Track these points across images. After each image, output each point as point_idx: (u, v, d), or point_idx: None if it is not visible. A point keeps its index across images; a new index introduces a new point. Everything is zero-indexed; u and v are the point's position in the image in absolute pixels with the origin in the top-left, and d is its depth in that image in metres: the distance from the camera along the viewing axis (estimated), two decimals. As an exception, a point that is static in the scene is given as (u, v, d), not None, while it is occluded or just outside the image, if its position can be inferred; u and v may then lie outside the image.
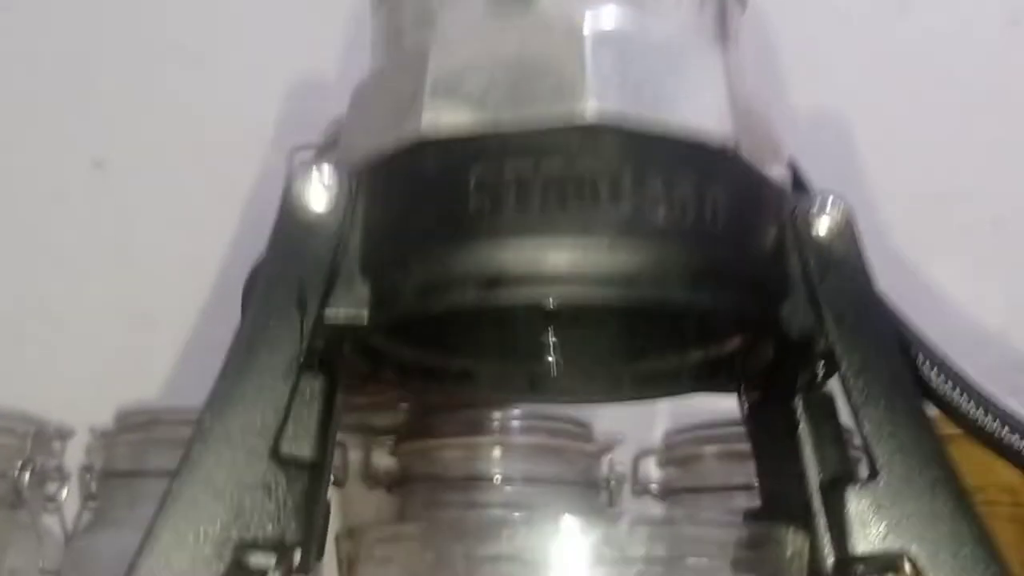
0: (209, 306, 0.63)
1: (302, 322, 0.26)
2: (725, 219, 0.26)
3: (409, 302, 0.25)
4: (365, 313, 0.26)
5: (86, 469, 0.59)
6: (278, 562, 0.26)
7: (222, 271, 0.62)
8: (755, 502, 0.32)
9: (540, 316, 0.36)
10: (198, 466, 0.25)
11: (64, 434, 0.61)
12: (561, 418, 0.60)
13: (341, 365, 0.29)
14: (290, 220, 0.26)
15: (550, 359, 0.34)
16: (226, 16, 0.67)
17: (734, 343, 0.33)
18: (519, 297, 0.25)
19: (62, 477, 0.61)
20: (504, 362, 0.35)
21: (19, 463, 0.58)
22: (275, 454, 0.25)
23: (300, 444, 0.26)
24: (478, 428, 0.60)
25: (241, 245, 0.60)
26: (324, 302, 0.26)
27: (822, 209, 0.28)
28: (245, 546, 0.25)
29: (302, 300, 0.26)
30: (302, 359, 0.26)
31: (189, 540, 0.24)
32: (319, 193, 0.27)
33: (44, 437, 0.60)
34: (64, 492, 0.60)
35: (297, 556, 0.26)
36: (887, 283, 0.29)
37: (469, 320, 0.35)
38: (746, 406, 0.33)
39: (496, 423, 0.60)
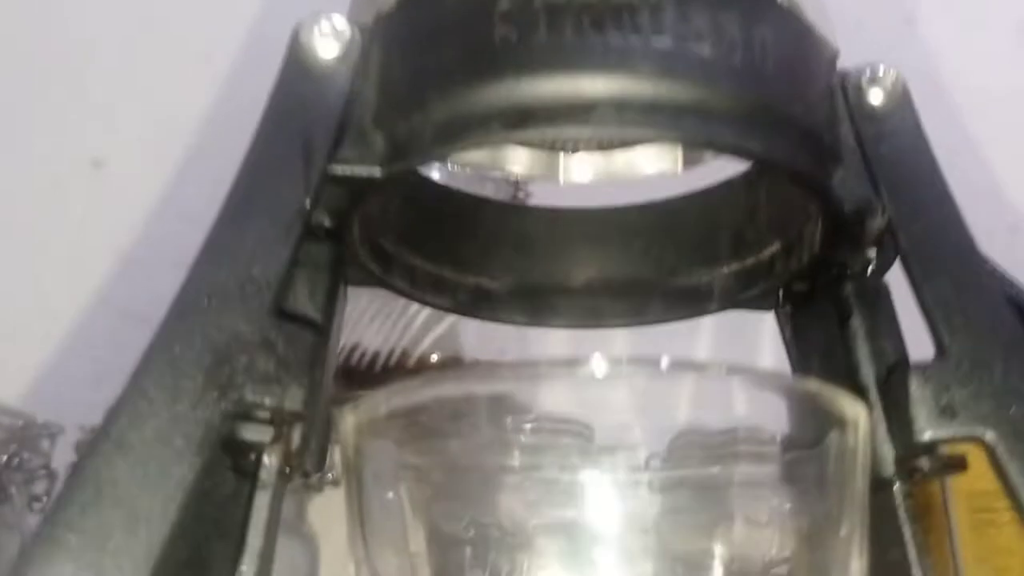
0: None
1: (307, 173, 0.23)
2: (775, 62, 0.24)
3: (428, 145, 0.23)
4: (377, 168, 0.24)
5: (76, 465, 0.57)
6: (274, 437, 0.23)
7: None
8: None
9: (564, 224, 0.34)
10: (186, 318, 0.22)
11: (53, 431, 0.59)
12: (563, 419, 0.57)
13: (349, 243, 0.26)
14: (295, 68, 0.24)
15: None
16: (231, 14, 0.66)
17: (772, 249, 0.31)
18: (551, 131, 0.22)
19: (50, 476, 0.58)
20: (522, 281, 0.33)
21: (4, 457, 0.56)
22: (276, 309, 0.22)
23: (305, 305, 0.23)
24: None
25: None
26: (332, 155, 0.24)
27: (874, 78, 0.26)
28: (238, 415, 0.22)
29: (307, 150, 0.23)
30: (307, 212, 0.23)
31: (170, 406, 0.21)
32: (328, 40, 0.24)
33: (31, 432, 0.58)
34: (52, 491, 0.58)
35: (297, 436, 0.23)
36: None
37: (486, 232, 0.33)
38: (786, 315, 0.30)
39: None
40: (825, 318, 0.28)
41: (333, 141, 0.24)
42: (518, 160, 0.33)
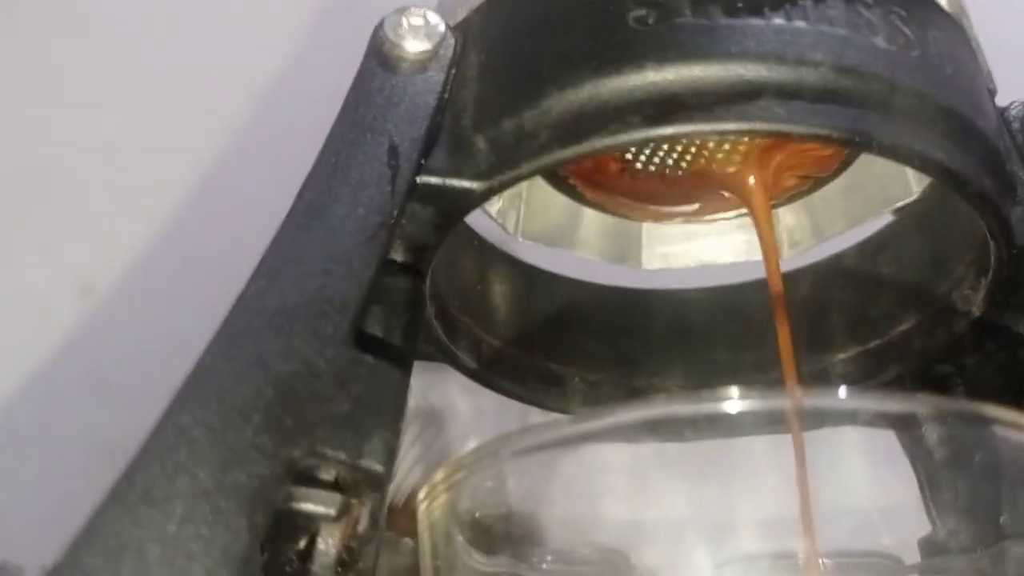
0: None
1: (394, 180, 0.19)
2: (952, 68, 0.20)
3: (543, 148, 0.19)
4: (477, 181, 0.19)
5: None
6: (341, 509, 0.17)
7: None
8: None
9: (644, 307, 0.29)
10: (240, 342, 0.17)
11: (12, 574, 0.52)
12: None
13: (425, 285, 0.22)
14: (379, 64, 0.20)
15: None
16: (226, 143, 0.63)
17: (904, 326, 0.26)
18: (703, 127, 0.18)
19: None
20: (602, 371, 0.28)
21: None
22: (355, 337, 0.17)
23: (387, 331, 0.18)
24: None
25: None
26: (421, 165, 0.19)
27: (1039, 114, 0.23)
28: (299, 475, 0.17)
29: (393, 153, 0.19)
30: (392, 226, 0.19)
31: (218, 452, 0.16)
32: (418, 35, 0.20)
33: (-10, 575, 0.51)
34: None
35: (366, 512, 0.18)
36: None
37: (555, 309, 0.29)
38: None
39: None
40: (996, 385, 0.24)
41: (423, 148, 0.19)
42: (589, 238, 0.29)
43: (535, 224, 0.27)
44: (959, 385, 0.25)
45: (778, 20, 0.19)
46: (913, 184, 0.26)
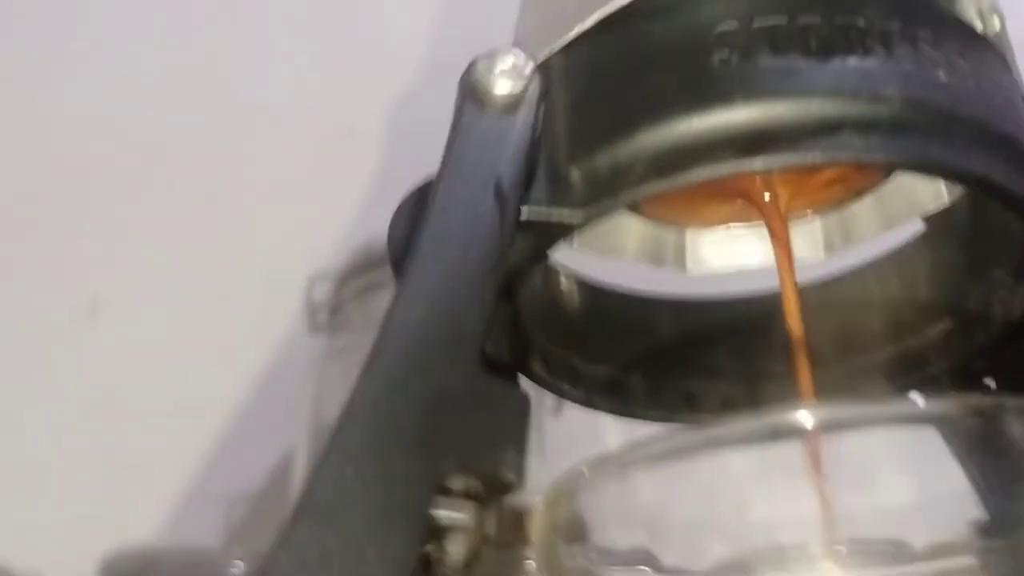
0: (197, 457, 0.57)
1: (503, 215, 0.20)
2: (1000, 96, 0.22)
3: (639, 179, 0.20)
4: (577, 211, 0.21)
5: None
6: (476, 519, 0.19)
7: (213, 420, 0.57)
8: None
9: (690, 315, 0.31)
10: (387, 371, 0.18)
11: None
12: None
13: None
14: (474, 105, 0.22)
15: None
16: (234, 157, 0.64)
17: (942, 325, 0.28)
18: (790, 158, 0.20)
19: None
20: (657, 375, 0.30)
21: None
22: (483, 360, 0.19)
23: (496, 353, 0.20)
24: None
25: (236, 393, 0.55)
26: (522, 197, 0.21)
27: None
28: (441, 488, 0.18)
29: (499, 189, 0.21)
30: (504, 259, 0.20)
31: (383, 472, 0.18)
32: (508, 76, 0.22)
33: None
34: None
35: (493, 519, 0.20)
36: None
37: (613, 320, 0.30)
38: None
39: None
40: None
41: (523, 182, 0.21)
42: (631, 243, 0.30)
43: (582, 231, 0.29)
44: (994, 380, 0.27)
45: (852, 60, 0.21)
46: (944, 192, 0.28)
